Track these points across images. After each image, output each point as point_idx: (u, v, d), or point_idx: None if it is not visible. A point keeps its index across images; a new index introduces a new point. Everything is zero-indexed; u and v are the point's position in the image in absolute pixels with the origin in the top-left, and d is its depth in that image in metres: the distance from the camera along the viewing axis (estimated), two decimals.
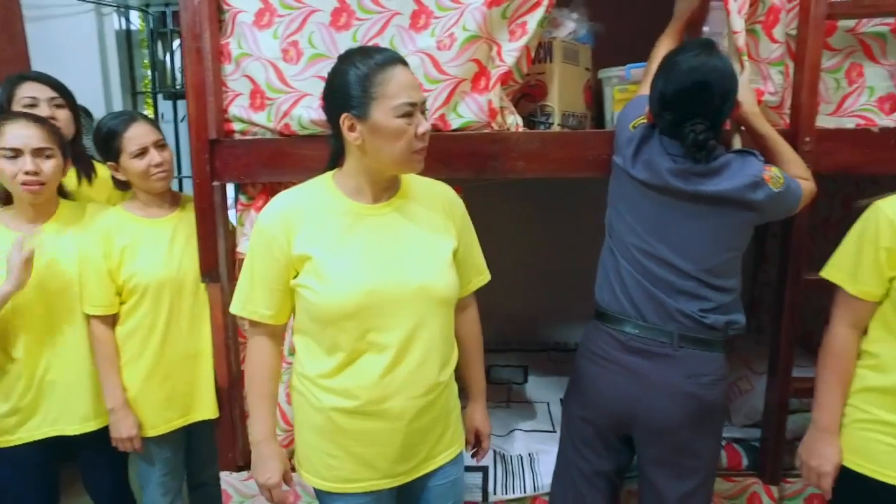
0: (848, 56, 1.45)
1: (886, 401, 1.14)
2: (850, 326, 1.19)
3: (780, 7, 1.37)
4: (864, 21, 1.42)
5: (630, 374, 1.24)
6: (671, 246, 1.20)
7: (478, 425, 1.31)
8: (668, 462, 1.25)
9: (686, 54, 1.15)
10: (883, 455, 1.14)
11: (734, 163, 1.17)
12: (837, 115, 1.47)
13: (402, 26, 1.39)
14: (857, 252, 1.15)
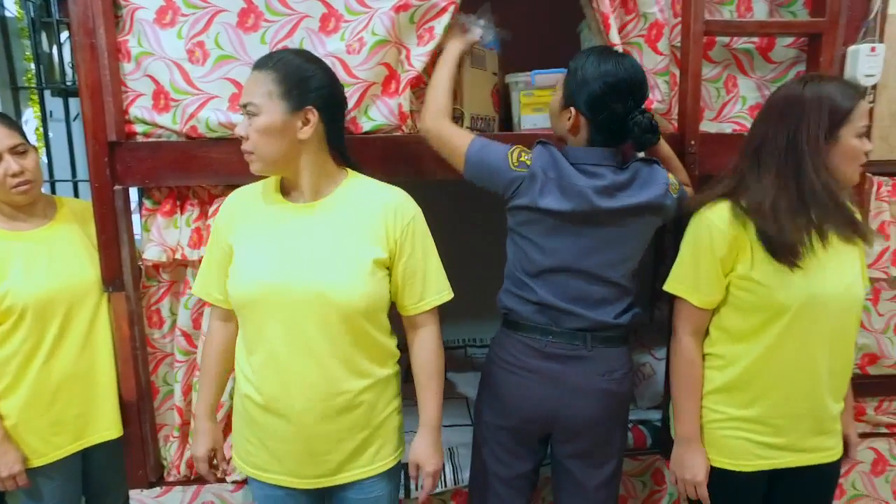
0: (725, 68, 1.63)
1: (732, 397, 1.25)
2: (693, 334, 1.27)
3: (663, 23, 1.52)
4: (736, 38, 1.60)
5: (548, 380, 1.28)
6: (593, 262, 1.25)
7: (418, 460, 1.24)
8: (587, 454, 1.33)
9: (606, 57, 1.21)
10: (737, 448, 1.25)
11: (643, 171, 1.25)
12: (718, 121, 1.65)
13: (312, 29, 1.42)
14: (694, 264, 1.23)
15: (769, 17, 1.63)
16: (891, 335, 1.75)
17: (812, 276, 1.15)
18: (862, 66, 1.52)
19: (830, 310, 1.18)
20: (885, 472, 1.83)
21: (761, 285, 1.18)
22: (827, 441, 1.26)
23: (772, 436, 1.24)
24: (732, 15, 1.61)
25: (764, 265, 1.17)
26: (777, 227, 1.13)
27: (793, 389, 1.21)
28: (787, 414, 1.23)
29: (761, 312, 1.20)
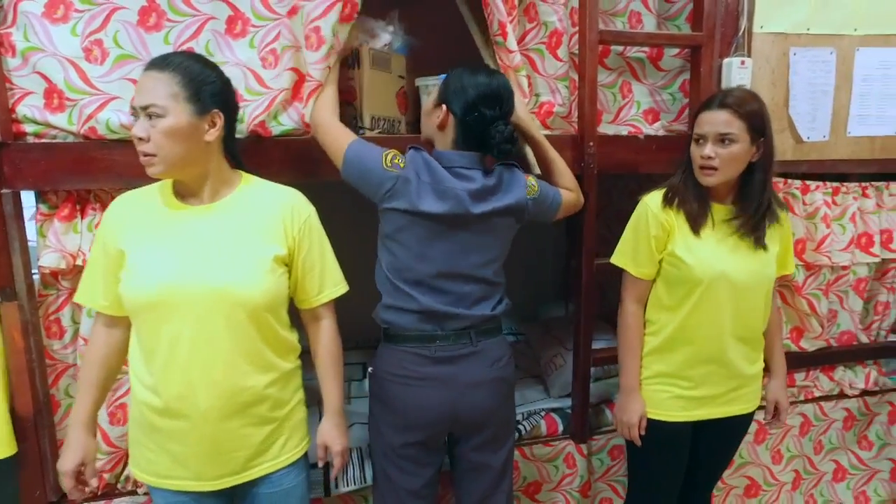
0: (620, 74, 1.79)
1: (662, 357, 1.49)
2: (635, 302, 1.50)
3: (562, 31, 1.65)
4: (629, 47, 1.76)
5: (443, 383, 1.34)
6: (469, 263, 1.34)
7: (325, 441, 1.32)
8: (490, 441, 1.42)
9: (481, 71, 1.35)
10: (665, 401, 1.49)
11: (505, 175, 1.37)
12: (616, 124, 1.80)
13: (218, 31, 1.44)
14: (634, 241, 1.47)
15: (657, 29, 1.81)
16: None
17: (722, 256, 1.39)
18: (734, 77, 1.72)
19: (736, 285, 1.40)
20: (766, 440, 2.07)
21: (683, 261, 1.40)
22: (740, 397, 1.50)
23: (692, 389, 1.47)
24: (624, 26, 1.77)
25: (685, 243, 1.40)
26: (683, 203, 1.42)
27: (704, 349, 1.45)
28: (703, 371, 1.46)
29: (683, 285, 1.42)
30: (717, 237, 1.40)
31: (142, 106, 1.09)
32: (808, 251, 1.96)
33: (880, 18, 1.86)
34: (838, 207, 1.99)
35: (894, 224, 2.07)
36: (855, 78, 1.89)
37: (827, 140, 1.91)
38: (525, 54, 1.68)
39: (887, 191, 2.05)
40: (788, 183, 1.91)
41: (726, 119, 1.34)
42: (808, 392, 2.12)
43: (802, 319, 2.02)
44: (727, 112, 1.35)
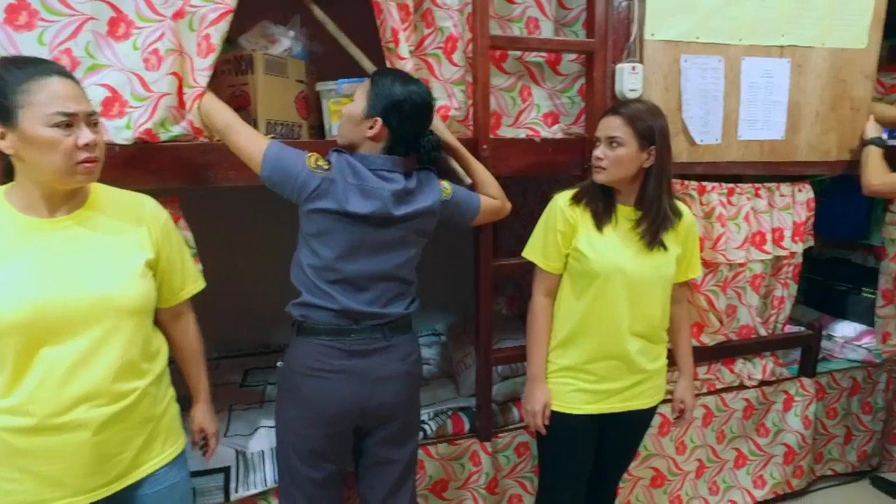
0: (519, 79, 1.84)
1: (566, 351, 1.56)
2: (544, 295, 1.58)
3: (457, 36, 1.69)
4: (527, 52, 1.81)
5: (356, 375, 1.39)
6: (390, 264, 1.40)
7: (201, 424, 1.40)
8: (398, 434, 1.48)
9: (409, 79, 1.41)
10: (569, 394, 1.56)
11: (423, 178, 1.44)
12: (516, 127, 1.86)
13: (100, 32, 1.41)
14: (543, 235, 1.55)
15: (555, 35, 1.86)
16: None
17: (621, 253, 1.48)
18: (626, 82, 1.79)
19: (633, 282, 1.48)
20: (670, 433, 2.16)
21: (584, 255, 1.48)
22: (643, 392, 1.58)
23: (595, 383, 1.54)
24: (522, 31, 1.82)
25: (589, 239, 1.48)
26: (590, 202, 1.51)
27: (603, 343, 1.52)
28: (605, 365, 1.53)
29: (583, 278, 1.50)
30: (619, 235, 1.49)
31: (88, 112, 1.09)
32: (707, 249, 2.05)
33: (762, 31, 1.97)
34: (733, 207, 2.10)
35: (785, 223, 2.19)
36: (742, 85, 1.99)
37: (720, 143, 2.01)
38: (423, 59, 1.72)
39: (778, 191, 2.17)
40: (686, 184, 2.01)
41: (616, 124, 1.45)
42: (710, 384, 2.22)
43: (702, 315, 2.11)
44: (618, 118, 1.45)
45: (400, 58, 1.59)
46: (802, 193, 2.22)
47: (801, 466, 2.38)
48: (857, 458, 2.56)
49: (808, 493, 2.46)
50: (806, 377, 2.37)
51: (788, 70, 2.05)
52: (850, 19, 2.07)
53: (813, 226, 2.31)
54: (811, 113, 2.12)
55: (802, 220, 2.24)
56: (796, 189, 2.20)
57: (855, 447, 2.55)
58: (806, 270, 3.28)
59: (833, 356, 2.58)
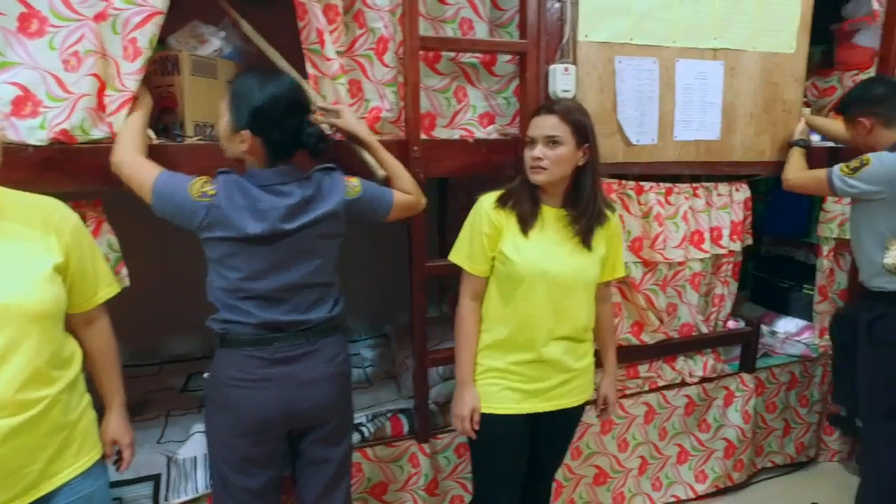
0: (454, 79, 1.84)
1: (493, 353, 1.56)
2: (471, 298, 1.57)
3: (388, 37, 1.69)
4: (461, 53, 1.81)
5: (280, 383, 1.38)
6: (301, 274, 1.38)
7: (113, 436, 1.35)
8: (330, 435, 1.48)
9: (266, 77, 1.33)
10: (497, 394, 1.55)
11: (325, 181, 1.41)
12: (451, 128, 1.86)
13: (9, 29, 1.37)
14: (470, 239, 1.54)
15: (489, 36, 1.87)
16: None
17: (545, 256, 1.48)
18: (559, 83, 1.81)
19: (557, 284, 1.49)
20: (612, 430, 2.19)
21: (509, 259, 1.48)
22: (571, 391, 1.58)
23: (525, 383, 1.54)
24: (455, 32, 1.82)
25: (514, 242, 1.48)
26: (516, 204, 1.50)
27: (529, 345, 1.52)
28: (532, 366, 1.52)
29: (509, 281, 1.50)
30: (545, 238, 1.49)
31: None
32: (645, 248, 2.09)
33: (695, 33, 2.01)
34: (672, 207, 2.13)
35: (723, 222, 2.24)
36: (677, 86, 2.03)
37: (656, 143, 2.04)
38: (355, 60, 1.71)
39: (716, 191, 2.22)
40: (623, 184, 2.03)
41: (553, 123, 1.44)
42: (652, 382, 2.25)
43: (641, 314, 2.15)
44: (555, 117, 1.45)
45: (326, 59, 1.58)
46: (740, 193, 2.27)
47: (741, 460, 2.43)
48: (794, 449, 2.63)
49: (748, 486, 2.52)
50: (746, 373, 2.42)
51: (722, 72, 2.10)
52: (778, 24, 2.13)
53: (751, 224, 2.36)
54: (745, 114, 2.17)
55: (740, 219, 2.29)
56: (734, 189, 2.25)
57: (793, 439, 2.62)
58: (752, 268, 3.38)
59: (775, 352, 2.65)
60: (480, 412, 1.55)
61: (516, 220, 1.49)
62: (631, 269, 2.07)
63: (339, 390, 1.48)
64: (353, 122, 1.56)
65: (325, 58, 1.57)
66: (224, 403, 1.40)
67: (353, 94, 1.72)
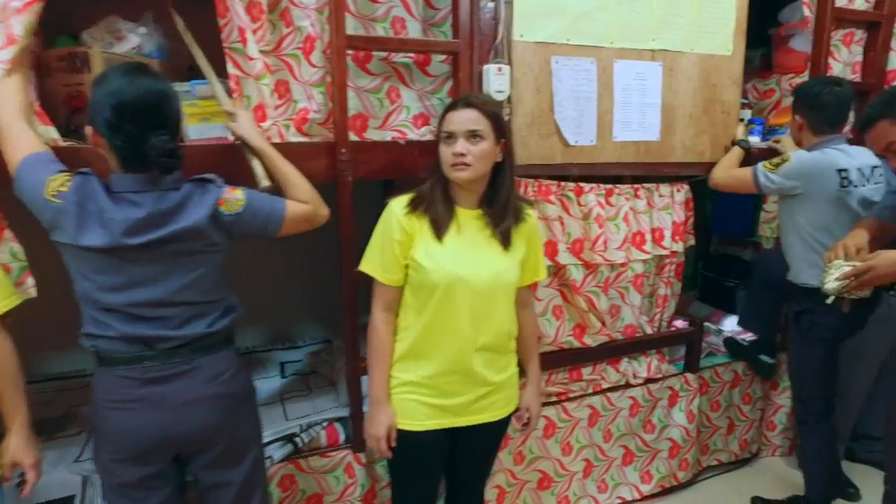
0: (386, 80, 1.80)
1: (409, 365, 1.48)
2: (384, 310, 1.49)
3: (315, 36, 1.64)
4: (394, 53, 1.77)
5: (154, 404, 1.28)
6: (161, 291, 1.25)
7: (13, 458, 1.28)
8: (223, 459, 1.37)
9: (121, 75, 1.20)
10: (414, 410, 1.47)
11: (194, 194, 1.27)
12: (383, 129, 1.81)
13: None
14: (381, 246, 1.45)
15: (423, 35, 1.83)
16: (549, 317, 2.08)
17: (462, 261, 1.41)
18: (493, 83, 1.78)
19: (475, 291, 1.42)
20: (555, 434, 2.18)
21: (422, 266, 1.41)
22: (491, 405, 1.52)
23: (441, 398, 1.47)
24: (387, 32, 1.78)
25: (427, 249, 1.41)
26: (428, 209, 1.42)
27: (446, 356, 1.45)
28: (448, 379, 1.46)
29: (423, 289, 1.43)
30: (461, 242, 1.43)
31: None
32: (586, 250, 2.08)
33: (632, 34, 2.01)
34: (612, 208, 2.13)
35: (665, 223, 2.25)
36: (616, 87, 2.03)
37: (595, 144, 2.04)
38: (283, 59, 1.66)
39: (657, 192, 2.22)
40: (562, 185, 2.02)
41: (475, 117, 1.38)
42: (595, 385, 2.25)
43: (583, 317, 2.14)
44: (475, 111, 1.39)
45: (249, 58, 1.53)
46: (681, 194, 2.28)
47: (686, 459, 2.45)
48: (739, 446, 2.67)
49: (694, 484, 2.54)
50: (690, 373, 2.44)
51: (660, 73, 2.10)
52: (714, 27, 2.15)
53: (700, 224, 2.38)
54: (684, 115, 2.18)
55: (682, 219, 2.30)
56: (675, 189, 2.26)
57: (737, 436, 2.65)
58: (701, 267, 3.42)
59: (720, 350, 2.68)
60: (398, 428, 1.47)
61: (429, 224, 1.41)
62: (572, 271, 2.07)
63: (223, 412, 1.34)
64: (245, 127, 1.48)
65: (248, 57, 1.52)
66: (102, 427, 1.30)
67: (281, 94, 1.67)
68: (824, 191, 1.94)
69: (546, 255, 2.00)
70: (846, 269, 1.57)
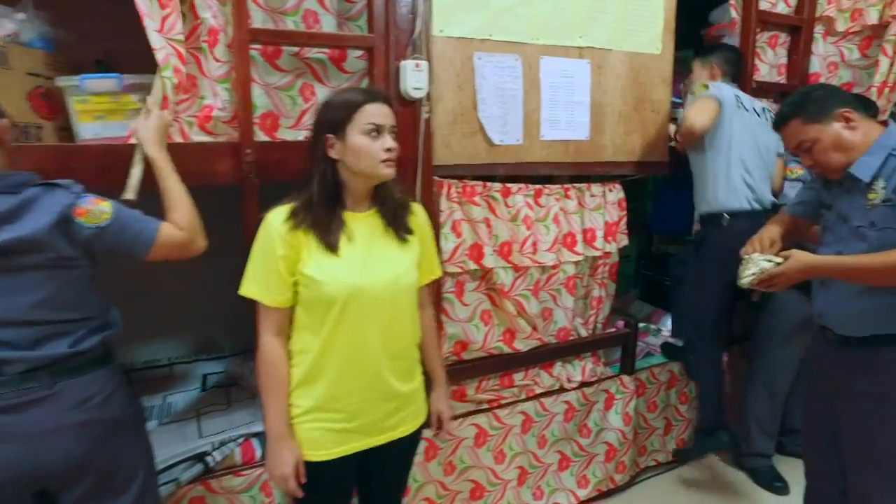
0: (298, 76, 1.71)
1: (309, 389, 1.34)
2: (275, 335, 1.33)
3: (218, 28, 1.54)
4: (307, 48, 1.69)
5: (4, 437, 1.15)
6: (6, 308, 1.14)
7: None
8: (99, 491, 1.25)
9: None
10: (319, 438, 1.35)
11: (41, 199, 1.16)
12: (297, 129, 1.72)
13: None
14: (263, 266, 1.30)
15: (338, 29, 1.75)
16: (476, 322, 2.03)
17: (359, 269, 1.31)
18: (410, 79, 1.72)
19: (378, 299, 1.33)
20: (486, 443, 2.13)
21: (315, 280, 1.28)
22: (402, 420, 1.43)
23: (347, 421, 1.36)
24: (298, 26, 1.69)
25: (317, 261, 1.29)
26: (314, 217, 1.29)
27: (354, 374, 1.34)
28: (356, 398, 1.35)
29: (319, 305, 1.31)
30: (354, 249, 1.32)
31: None
32: (515, 253, 2.04)
33: (558, 31, 1.98)
34: (542, 209, 2.10)
35: (597, 223, 2.22)
36: (542, 84, 1.99)
37: (521, 143, 1.99)
38: (193, 53, 1.56)
39: (588, 192, 2.20)
40: (488, 186, 1.97)
41: (391, 112, 1.33)
42: (528, 390, 2.21)
43: (512, 321, 2.09)
44: (386, 105, 1.32)
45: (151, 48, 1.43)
46: (613, 193, 2.27)
47: (623, 462, 2.44)
48: (676, 446, 2.67)
49: (632, 486, 2.53)
50: (626, 374, 2.43)
51: (589, 71, 2.08)
52: (642, 25, 2.14)
53: (641, 223, 2.38)
54: (614, 113, 2.17)
55: (615, 219, 2.28)
56: (607, 189, 2.24)
57: (674, 436, 2.66)
58: (643, 266, 3.44)
59: (657, 351, 2.68)
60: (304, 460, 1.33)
61: (317, 234, 1.29)
62: (500, 274, 2.02)
63: (92, 440, 1.22)
64: (146, 129, 1.39)
65: (153, 48, 1.42)
66: None
67: (187, 89, 1.57)
68: (729, 103, 2.14)
69: (471, 259, 1.96)
70: (763, 263, 1.58)
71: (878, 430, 1.53)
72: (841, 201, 1.57)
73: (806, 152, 1.55)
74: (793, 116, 1.54)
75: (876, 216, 1.45)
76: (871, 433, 1.54)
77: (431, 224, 1.84)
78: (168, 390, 2.22)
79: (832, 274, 1.52)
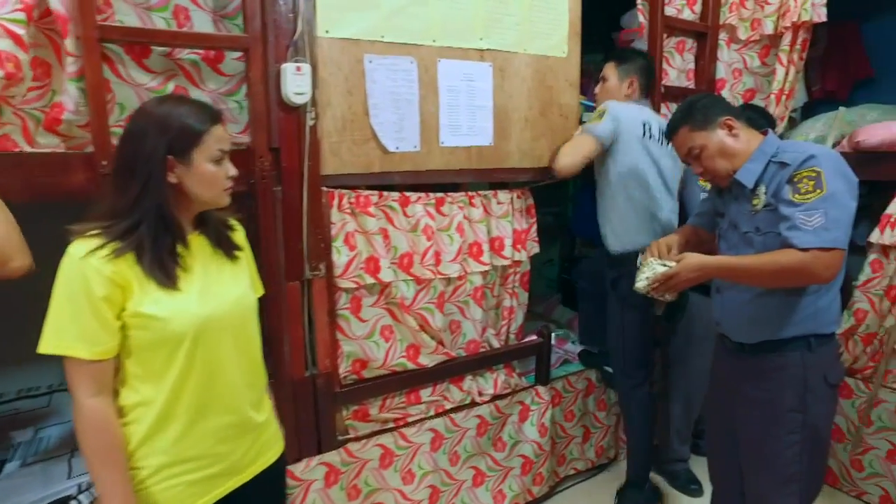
0: (170, 78, 1.58)
1: (156, 445, 1.17)
2: (96, 394, 1.12)
3: (67, 18, 1.38)
4: (180, 49, 1.56)
5: None
6: None
7: None
8: None
9: None
10: (178, 496, 1.19)
11: None
12: None
13: None
14: (74, 313, 1.09)
15: (214, 28, 1.64)
16: (377, 339, 1.94)
17: (201, 298, 1.19)
18: (291, 84, 1.62)
19: (226, 327, 1.22)
20: (393, 463, 2.04)
21: (155, 318, 1.13)
22: (262, 450, 1.34)
23: (211, 466, 1.23)
24: (168, 23, 1.56)
25: (153, 296, 1.13)
26: (146, 248, 1.12)
27: (213, 414, 1.22)
28: (215, 440, 1.23)
29: (162, 347, 1.15)
30: (192, 276, 1.20)
31: None
32: (416, 265, 1.96)
33: (457, 32, 1.92)
34: (445, 218, 2.03)
35: (505, 231, 2.18)
36: (440, 88, 1.92)
37: (419, 150, 1.92)
38: (44, 33, 1.39)
39: (495, 199, 2.15)
40: (385, 195, 1.89)
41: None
42: (437, 406, 2.14)
43: (416, 337, 2.02)
44: None
45: None
46: (521, 200, 2.23)
47: (540, 473, 2.40)
48: (595, 453, 2.67)
49: (552, 496, 2.51)
50: (541, 385, 2.39)
51: (491, 74, 2.03)
52: (548, 28, 2.10)
53: (561, 228, 2.34)
54: (520, 118, 2.12)
55: (524, 227, 2.24)
56: (515, 196, 2.20)
57: (593, 444, 2.65)
58: (563, 271, 3.44)
59: (576, 358, 2.67)
60: None
61: (148, 266, 1.13)
62: (400, 288, 1.94)
63: None
64: None
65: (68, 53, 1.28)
66: None
67: (39, 76, 1.40)
68: (633, 134, 2.07)
69: (368, 273, 1.87)
70: (657, 266, 1.59)
71: (766, 434, 1.55)
72: (731, 209, 1.60)
73: (695, 159, 1.57)
74: (682, 124, 1.57)
75: (760, 221, 1.49)
76: (762, 437, 1.57)
77: (322, 237, 1.78)
78: (42, 423, 2.04)
79: (723, 274, 1.55)
